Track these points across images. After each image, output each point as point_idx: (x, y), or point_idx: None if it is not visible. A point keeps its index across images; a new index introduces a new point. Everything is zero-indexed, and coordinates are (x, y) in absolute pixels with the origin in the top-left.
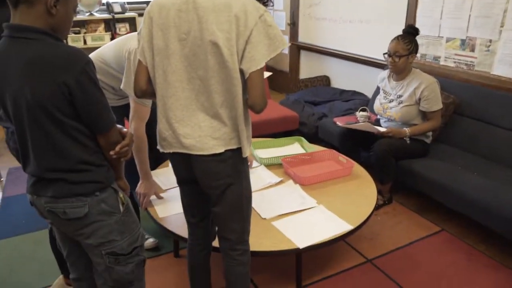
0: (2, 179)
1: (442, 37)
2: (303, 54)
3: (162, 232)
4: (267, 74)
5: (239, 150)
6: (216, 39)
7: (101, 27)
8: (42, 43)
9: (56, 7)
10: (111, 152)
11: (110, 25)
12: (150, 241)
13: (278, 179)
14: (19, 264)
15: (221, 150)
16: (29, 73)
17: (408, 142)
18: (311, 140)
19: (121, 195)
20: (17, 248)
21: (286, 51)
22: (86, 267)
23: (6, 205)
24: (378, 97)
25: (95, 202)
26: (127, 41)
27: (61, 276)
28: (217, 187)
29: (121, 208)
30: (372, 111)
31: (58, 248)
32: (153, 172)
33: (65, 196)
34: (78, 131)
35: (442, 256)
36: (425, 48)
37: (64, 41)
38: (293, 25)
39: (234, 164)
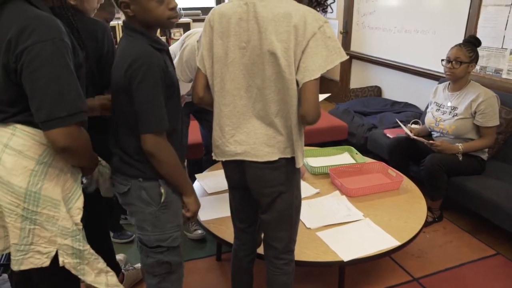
0: None
1: (506, 49)
2: (354, 64)
3: (206, 235)
4: (324, 96)
5: (292, 160)
6: (274, 49)
7: (157, 31)
8: (130, 40)
9: (130, 8)
10: None
11: (166, 30)
12: (198, 233)
13: (315, 191)
14: None
15: (275, 157)
16: (114, 63)
17: (460, 159)
18: (359, 152)
19: (162, 191)
20: None
21: None
22: None
23: None
24: (430, 109)
25: (136, 187)
26: (189, 36)
27: None
28: (268, 195)
29: (160, 203)
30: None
31: None
32: (197, 176)
33: (117, 171)
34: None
35: (497, 281)
36: (486, 60)
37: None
38: (346, 34)
39: (287, 172)
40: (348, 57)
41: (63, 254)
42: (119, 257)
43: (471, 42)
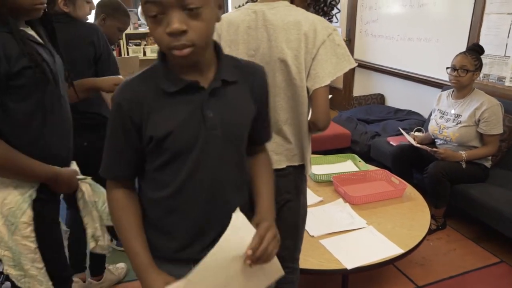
0: None
1: (509, 56)
2: (358, 71)
3: None
4: None
5: (300, 167)
6: (284, 57)
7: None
8: None
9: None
10: None
11: None
12: None
13: (318, 199)
14: None
15: (283, 165)
16: None
17: (463, 166)
18: (363, 159)
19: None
20: None
21: None
22: None
23: None
24: (433, 117)
25: None
26: None
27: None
28: (275, 202)
29: None
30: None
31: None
32: None
33: None
34: None
35: None
36: (489, 68)
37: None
38: (349, 42)
39: (295, 180)
40: (357, 64)
41: (6, 264)
42: (121, 265)
43: (475, 50)
